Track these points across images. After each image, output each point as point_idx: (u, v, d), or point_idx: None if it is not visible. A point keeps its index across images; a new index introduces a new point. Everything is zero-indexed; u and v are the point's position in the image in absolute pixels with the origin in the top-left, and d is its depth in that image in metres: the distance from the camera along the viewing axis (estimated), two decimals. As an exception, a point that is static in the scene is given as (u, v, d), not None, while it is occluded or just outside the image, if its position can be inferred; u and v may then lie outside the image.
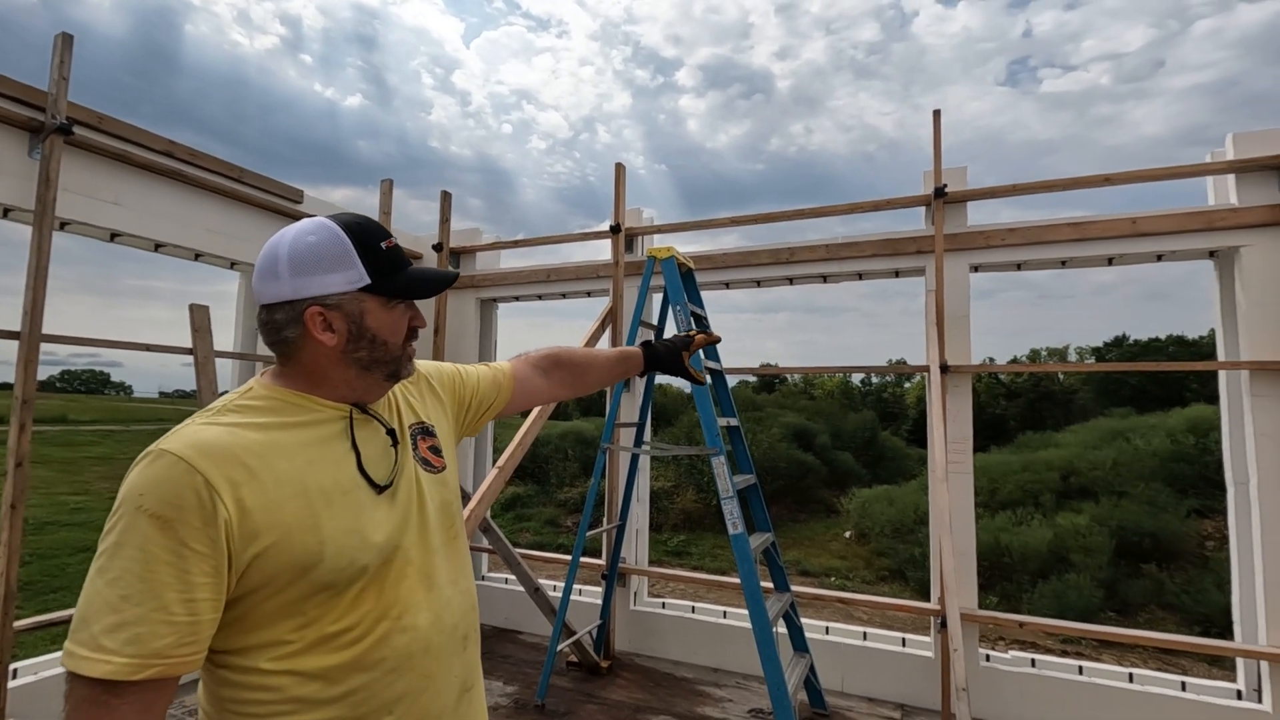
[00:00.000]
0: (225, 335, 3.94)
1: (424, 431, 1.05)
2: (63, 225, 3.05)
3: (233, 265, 3.86)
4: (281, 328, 0.88)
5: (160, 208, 3.33)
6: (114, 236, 3.27)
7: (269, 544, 0.78)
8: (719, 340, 1.70)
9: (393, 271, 0.92)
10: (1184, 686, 3.00)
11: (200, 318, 3.39)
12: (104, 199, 3.09)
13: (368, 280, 0.89)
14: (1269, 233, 2.93)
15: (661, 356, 1.53)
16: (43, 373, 2.86)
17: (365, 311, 0.90)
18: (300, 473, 0.83)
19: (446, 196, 4.77)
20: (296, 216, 4.03)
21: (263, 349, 3.89)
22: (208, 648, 0.77)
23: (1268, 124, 2.99)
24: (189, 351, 3.34)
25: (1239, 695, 2.94)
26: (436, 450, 1.05)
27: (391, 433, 0.97)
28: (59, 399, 47.51)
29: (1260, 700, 2.86)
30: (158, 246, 3.45)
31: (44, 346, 2.77)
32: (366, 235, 0.91)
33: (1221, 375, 3.15)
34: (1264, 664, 2.83)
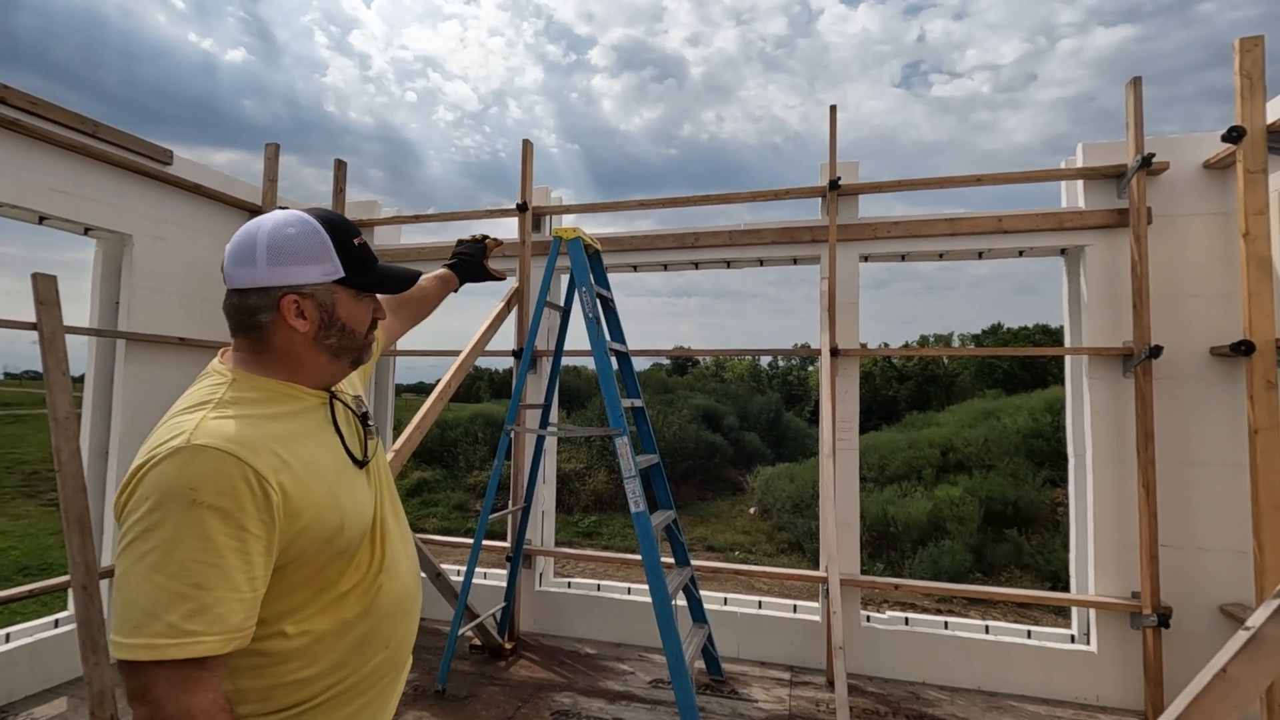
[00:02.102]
0: (79, 309, 3.54)
1: (358, 401, 1.16)
2: None
3: (87, 231, 3.45)
4: (255, 312, 0.95)
5: (-8, 162, 2.92)
6: (-67, 193, 2.84)
7: (306, 522, 0.89)
8: (501, 243, 1.87)
9: (363, 267, 1.02)
10: (1029, 634, 3.40)
11: (46, 289, 3.02)
12: (-83, 148, 2.67)
13: (342, 274, 0.99)
14: (1108, 234, 3.32)
15: (469, 268, 1.75)
16: None
17: (337, 302, 0.99)
18: (315, 457, 0.94)
19: (341, 166, 4.49)
20: (165, 179, 3.65)
21: (125, 325, 3.52)
22: None
23: (1113, 137, 3.36)
24: (33, 326, 2.97)
25: (1072, 639, 3.36)
26: (370, 416, 1.17)
27: (363, 416, 1.11)
28: (-128, 381, 40.79)
29: (1089, 643, 3.29)
30: (-10, 206, 3.03)
31: None
32: (341, 232, 1.00)
33: (1067, 360, 3.55)
34: (1092, 611, 3.26)
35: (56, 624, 3.26)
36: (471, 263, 1.75)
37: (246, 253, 0.94)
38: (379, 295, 1.37)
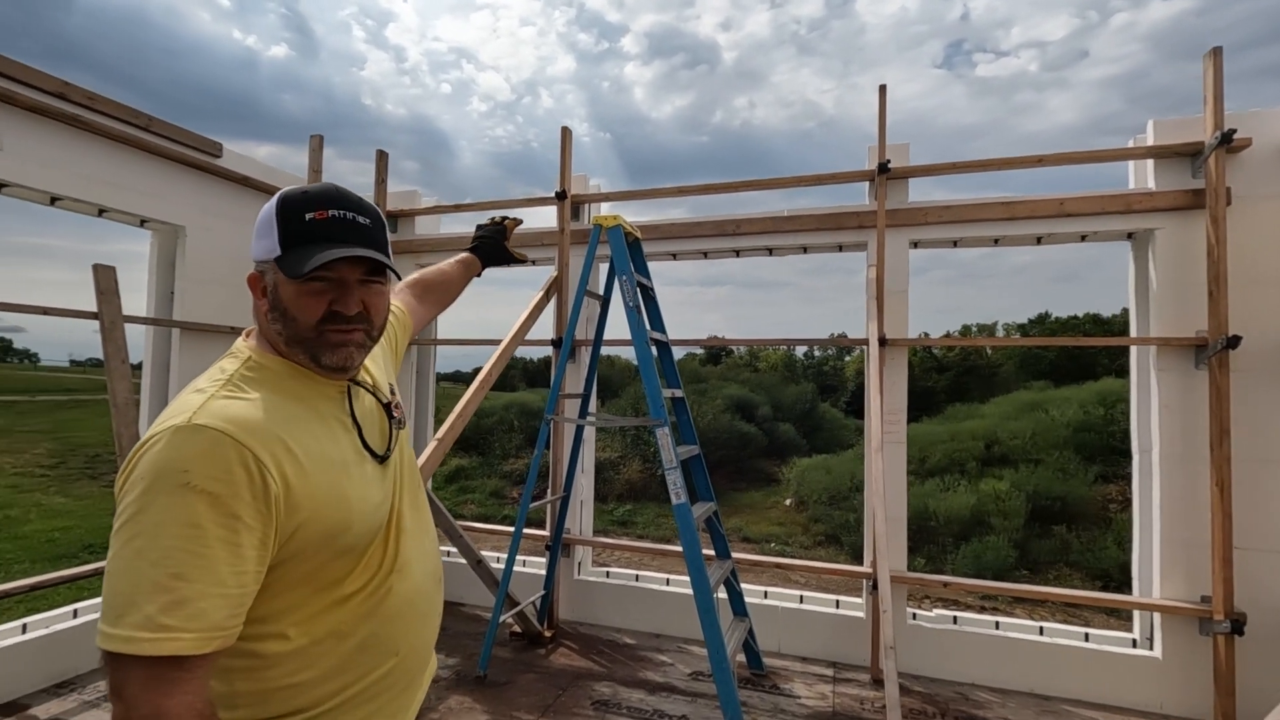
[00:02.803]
0: (137, 299, 3.65)
1: (390, 390, 1.10)
2: (-64, 172, 2.72)
3: (143, 223, 3.56)
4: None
5: (54, 156, 3.01)
6: (1, 187, 2.94)
7: (306, 516, 0.82)
8: (520, 222, 1.85)
9: (303, 245, 0.87)
10: (1087, 637, 3.26)
11: (106, 279, 3.12)
12: (-15, 144, 2.77)
13: (278, 251, 0.88)
14: (1181, 216, 3.12)
15: (490, 252, 1.70)
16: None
17: (279, 283, 0.89)
18: (323, 448, 0.87)
19: (383, 156, 4.52)
20: (214, 171, 3.73)
21: (180, 314, 3.63)
22: None
23: (1169, 114, 3.15)
24: (94, 316, 3.07)
25: (1134, 644, 3.21)
26: (399, 406, 1.10)
27: (387, 406, 1.04)
28: (-50, 367, 43.45)
29: (1152, 648, 3.13)
30: (54, 200, 3.13)
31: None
32: (297, 205, 0.89)
33: (1133, 350, 3.37)
34: (1157, 615, 3.10)
35: (118, 602, 3.39)
36: (492, 245, 1.72)
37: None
38: (402, 285, 1.33)
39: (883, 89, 3.52)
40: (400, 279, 1.20)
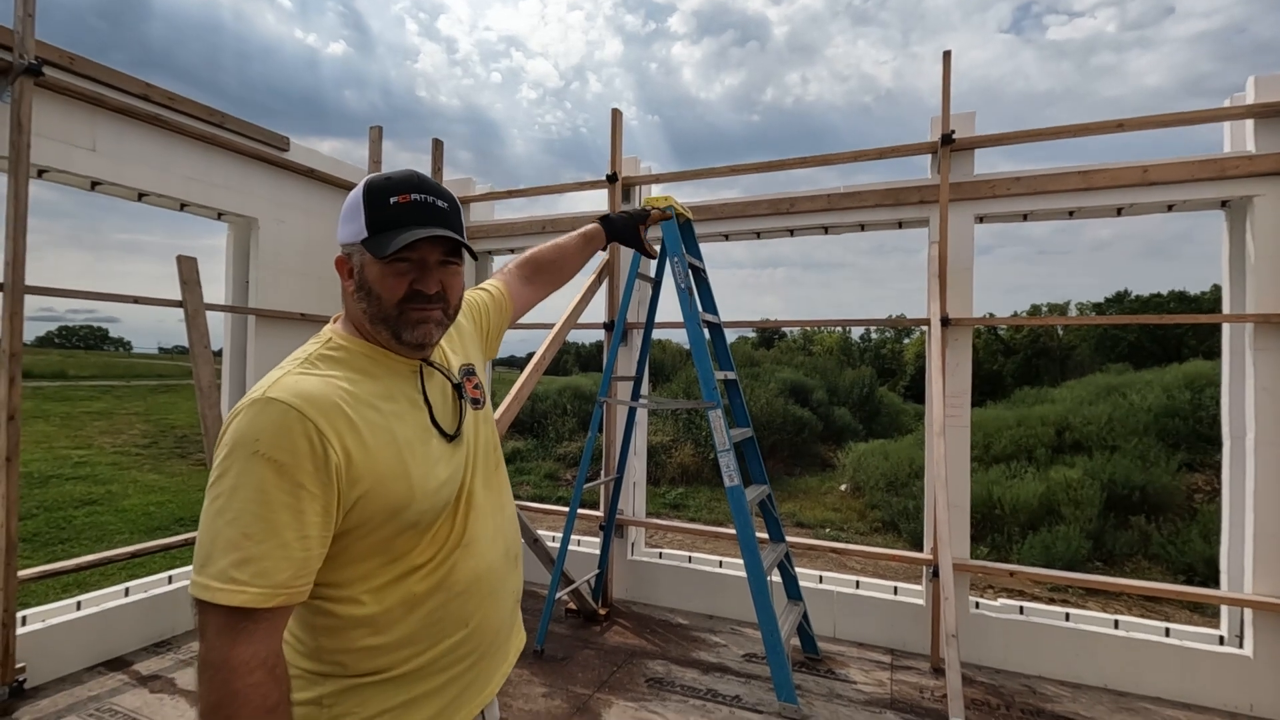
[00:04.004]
0: (216, 289, 3.88)
1: (469, 372, 1.13)
2: (40, 173, 2.95)
3: (220, 216, 3.76)
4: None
5: (139, 154, 3.22)
6: (95, 185, 3.17)
7: (368, 488, 0.86)
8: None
9: (389, 228, 0.92)
10: (1167, 632, 3.08)
11: (188, 270, 3.33)
12: (80, 145, 2.99)
13: (365, 234, 0.93)
14: (1284, 182, 2.85)
15: (619, 227, 1.62)
16: (39, 329, 2.85)
17: (365, 264, 0.94)
18: (388, 424, 0.91)
19: (438, 145, 4.62)
20: (283, 165, 3.90)
21: (254, 302, 3.83)
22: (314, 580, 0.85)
23: (1273, 72, 2.86)
24: (179, 304, 3.29)
25: (1221, 641, 3.01)
26: (479, 387, 1.13)
27: (458, 387, 1.07)
28: (57, 354, 47.46)
29: (1241, 646, 2.93)
30: (140, 196, 3.35)
31: (41, 302, 2.72)
32: (381, 190, 0.93)
33: (1225, 329, 3.12)
34: (1248, 611, 2.89)
35: (207, 570, 3.66)
36: (626, 223, 1.65)
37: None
38: (504, 272, 1.35)
39: (947, 55, 3.34)
40: (476, 259, 1.24)
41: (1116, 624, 3.16)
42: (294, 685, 0.88)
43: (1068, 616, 3.25)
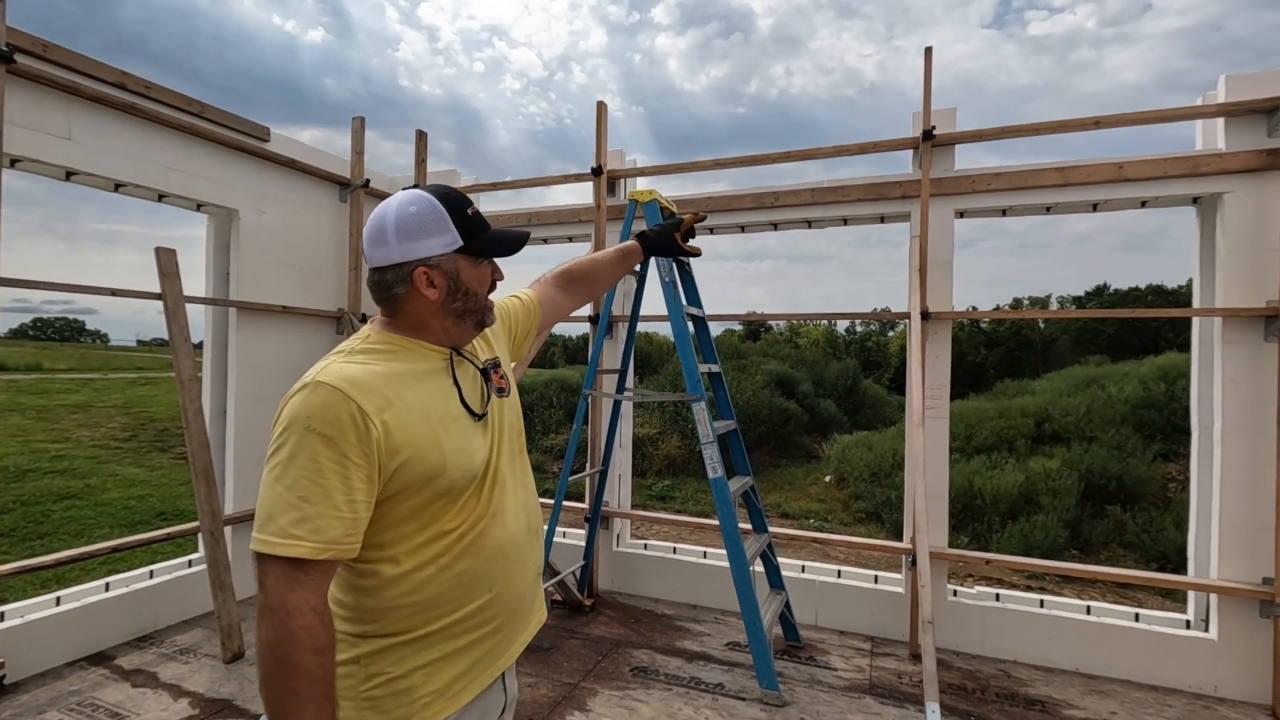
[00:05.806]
0: (197, 280, 3.83)
1: (495, 365, 1.24)
2: (13, 163, 2.89)
3: (199, 207, 3.72)
4: (391, 285, 1.07)
5: (116, 144, 3.17)
6: (70, 175, 3.11)
7: (406, 458, 0.98)
8: (704, 219, 1.77)
9: (478, 234, 1.10)
10: (1137, 618, 3.17)
11: (167, 262, 3.29)
12: (55, 134, 2.93)
13: (461, 243, 1.08)
14: (1253, 179, 2.92)
15: (655, 242, 1.68)
16: (12, 320, 2.79)
17: (460, 269, 1.09)
18: (421, 402, 1.03)
19: (422, 136, 4.59)
20: (264, 156, 3.86)
21: (235, 294, 3.79)
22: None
23: (1247, 69, 2.93)
24: (158, 296, 3.25)
25: (1187, 625, 3.11)
26: (504, 378, 1.25)
27: (484, 371, 1.19)
28: (32, 346, 46.49)
29: (1207, 629, 3.03)
30: (117, 186, 3.30)
31: (14, 293, 2.68)
32: (456, 204, 1.09)
33: (1195, 322, 3.20)
34: (1214, 596, 2.99)
35: (190, 564, 3.64)
36: (661, 235, 1.67)
37: (380, 234, 1.06)
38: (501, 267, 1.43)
39: (928, 51, 3.38)
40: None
41: (1089, 610, 3.25)
42: (337, 648, 0.98)
43: (1042, 603, 3.33)
